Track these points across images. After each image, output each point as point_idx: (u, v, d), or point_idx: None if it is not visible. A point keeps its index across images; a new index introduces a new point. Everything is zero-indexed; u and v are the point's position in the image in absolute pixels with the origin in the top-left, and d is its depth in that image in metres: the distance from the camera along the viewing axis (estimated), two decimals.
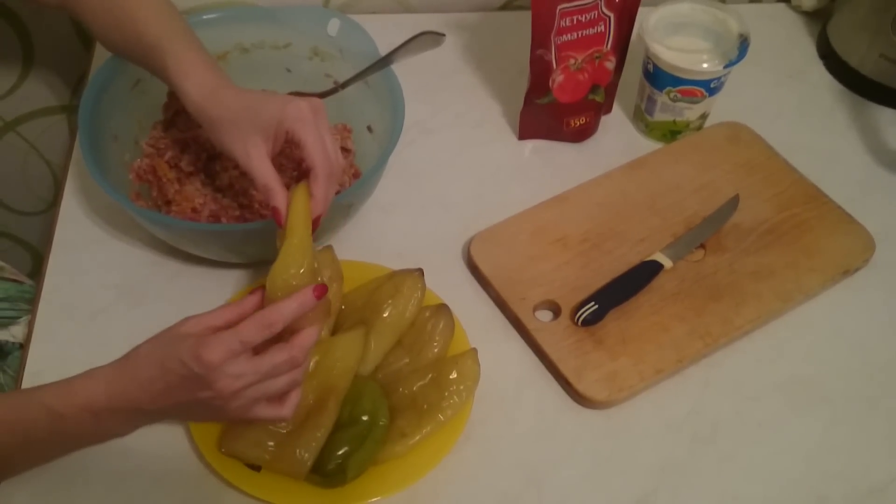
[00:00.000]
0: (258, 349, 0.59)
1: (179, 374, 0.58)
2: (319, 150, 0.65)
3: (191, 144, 0.81)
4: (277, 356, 0.59)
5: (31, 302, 0.81)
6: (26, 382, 0.73)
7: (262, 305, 0.62)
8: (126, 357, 0.61)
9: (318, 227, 0.66)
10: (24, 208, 1.21)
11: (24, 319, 0.86)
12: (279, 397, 0.61)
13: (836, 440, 0.73)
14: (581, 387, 0.73)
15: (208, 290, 0.78)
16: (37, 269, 0.83)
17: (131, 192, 0.80)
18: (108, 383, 0.61)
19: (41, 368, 0.74)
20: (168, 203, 0.78)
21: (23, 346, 0.78)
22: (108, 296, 0.79)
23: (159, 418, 0.63)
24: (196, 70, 0.70)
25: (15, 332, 0.86)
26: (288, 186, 0.66)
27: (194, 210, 0.77)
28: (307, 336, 0.60)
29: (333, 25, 0.85)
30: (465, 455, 0.70)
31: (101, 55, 0.96)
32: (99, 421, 0.61)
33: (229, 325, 0.59)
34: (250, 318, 0.59)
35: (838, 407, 0.75)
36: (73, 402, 0.60)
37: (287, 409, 0.61)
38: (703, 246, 0.83)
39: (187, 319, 0.60)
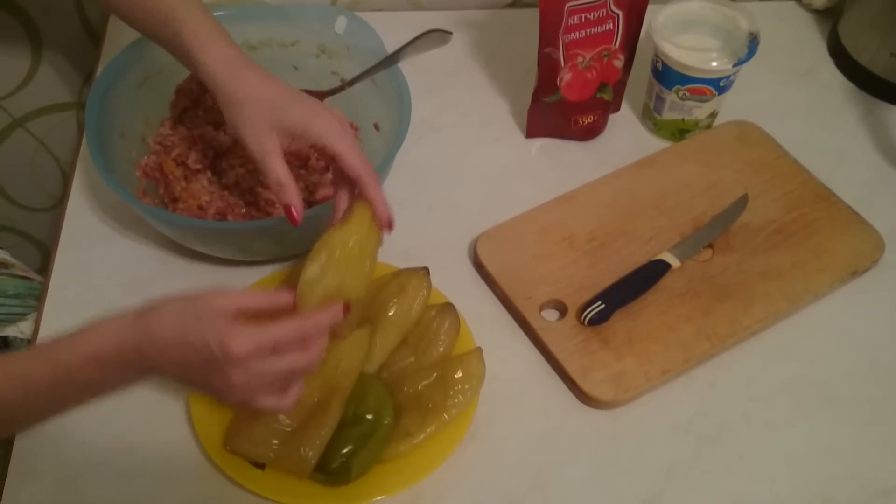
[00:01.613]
0: None
1: (200, 355, 0.56)
2: (359, 160, 0.66)
3: (198, 142, 0.81)
4: (298, 359, 0.59)
5: (40, 299, 0.81)
6: None
7: (293, 304, 0.62)
8: (143, 313, 0.58)
9: (393, 229, 0.68)
10: (33, 204, 1.21)
11: (33, 316, 0.86)
12: (282, 389, 0.61)
13: (843, 442, 0.73)
14: (587, 387, 0.73)
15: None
16: (45, 265, 0.84)
17: (138, 190, 0.80)
18: (120, 336, 0.58)
19: None
20: (174, 200, 0.78)
21: (30, 343, 0.79)
22: (114, 293, 0.79)
23: (160, 378, 0.62)
24: (217, 44, 0.68)
25: (23, 329, 0.87)
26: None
27: (200, 208, 0.77)
28: (324, 342, 0.60)
29: (341, 23, 0.85)
30: (469, 455, 0.70)
31: (109, 52, 0.96)
32: (104, 372, 0.59)
33: (259, 313, 0.58)
34: (289, 323, 0.58)
35: (846, 408, 0.75)
36: (79, 352, 0.58)
37: (289, 400, 0.61)
38: (711, 246, 0.82)
39: (218, 292, 0.58)
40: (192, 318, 0.57)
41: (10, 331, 0.86)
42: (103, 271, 0.80)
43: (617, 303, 0.76)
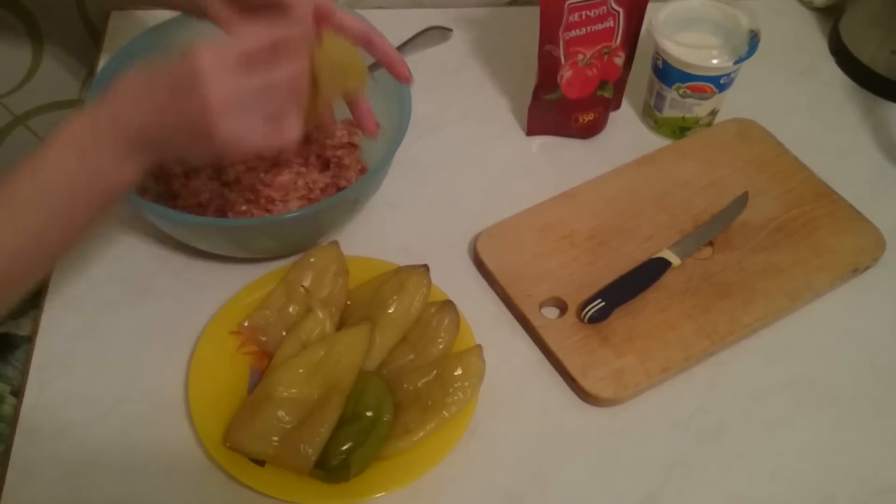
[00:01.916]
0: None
1: (168, 86, 0.54)
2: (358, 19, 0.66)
3: None
4: (278, 72, 0.55)
5: (39, 296, 0.81)
6: (32, 377, 0.73)
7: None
8: (111, 86, 0.57)
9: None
10: None
11: (32, 312, 0.86)
12: (278, 119, 0.57)
13: (843, 440, 0.73)
14: (587, 384, 0.73)
15: (214, 285, 0.78)
16: None
17: (137, 186, 0.80)
18: (91, 116, 0.56)
19: (47, 362, 0.74)
20: (174, 197, 0.78)
21: (29, 340, 0.79)
22: (114, 290, 0.79)
23: (150, 151, 0.58)
24: None
25: (22, 325, 0.87)
26: None
27: (200, 205, 0.77)
28: (302, 56, 0.57)
29: None
30: (469, 452, 0.70)
31: (110, 49, 0.97)
32: (85, 160, 0.56)
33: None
34: (257, 32, 0.56)
35: (846, 407, 0.75)
36: (53, 146, 0.56)
37: (288, 132, 0.57)
38: (711, 243, 0.82)
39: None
40: (154, 65, 0.56)
41: (9, 327, 0.86)
42: (103, 268, 0.80)
43: (617, 300, 0.76)
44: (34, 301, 0.85)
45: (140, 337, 0.76)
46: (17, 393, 0.76)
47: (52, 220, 0.57)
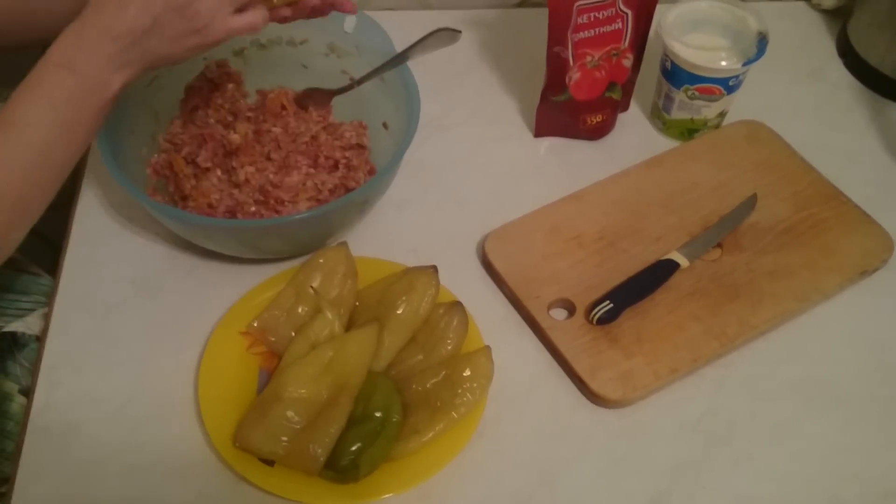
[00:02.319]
0: None
1: None
2: None
3: (208, 140, 0.81)
4: None
5: (48, 296, 0.81)
6: (42, 376, 0.74)
7: None
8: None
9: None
10: None
11: (41, 311, 0.87)
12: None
13: (851, 441, 0.73)
14: (595, 385, 0.73)
15: (224, 285, 0.78)
16: (54, 264, 0.84)
17: (148, 188, 0.81)
18: (76, 32, 0.61)
19: (57, 362, 0.75)
20: (185, 198, 0.79)
21: (39, 339, 0.79)
22: (124, 290, 0.79)
23: (138, 55, 0.63)
24: None
25: (31, 324, 0.87)
26: None
27: (210, 206, 0.77)
28: None
29: (350, 22, 0.85)
30: (478, 453, 0.70)
31: None
32: (76, 73, 0.61)
33: None
34: None
35: (854, 408, 0.75)
36: (46, 65, 0.61)
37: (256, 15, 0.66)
38: (720, 245, 0.82)
39: None
40: None
41: (17, 326, 0.86)
42: (113, 268, 0.80)
43: (625, 302, 0.76)
44: (42, 300, 0.86)
45: (150, 337, 0.76)
46: (26, 392, 0.76)
47: (57, 132, 0.62)
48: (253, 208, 0.78)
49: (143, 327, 0.77)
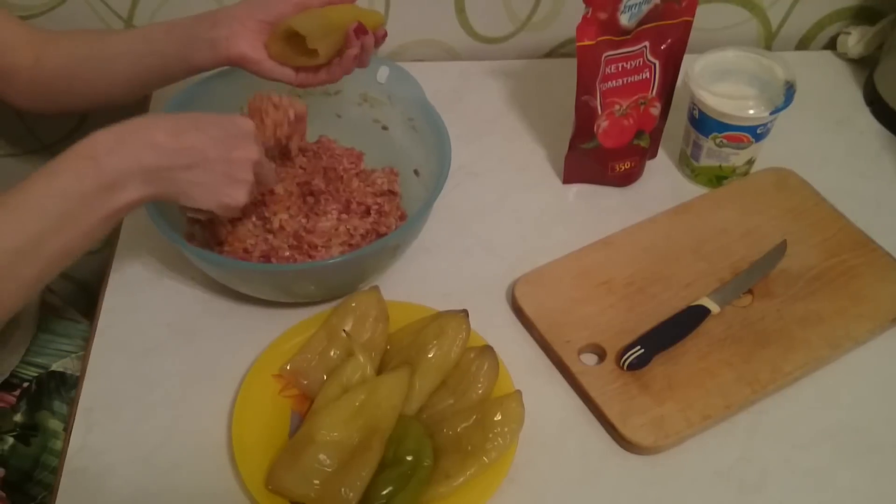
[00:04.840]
0: None
1: (218, 132, 0.65)
2: None
3: None
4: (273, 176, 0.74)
5: (86, 340, 0.83)
6: (79, 418, 0.75)
7: None
8: (146, 117, 0.65)
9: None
10: None
11: (79, 355, 0.88)
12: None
13: (885, 490, 0.72)
14: (626, 431, 0.72)
15: (257, 329, 0.79)
16: (91, 308, 0.86)
17: (185, 233, 0.82)
18: (116, 133, 0.62)
19: (93, 404, 0.76)
20: (220, 244, 0.80)
21: (77, 379, 0.80)
22: (160, 333, 0.80)
23: (159, 181, 0.64)
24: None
25: (69, 366, 0.89)
26: None
27: (246, 250, 0.79)
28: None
29: (383, 73, 0.87)
30: (509, 498, 0.70)
31: (158, 99, 1.00)
32: (99, 168, 0.60)
33: None
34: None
35: (888, 455, 0.74)
36: (72, 154, 0.61)
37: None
38: (750, 291, 0.82)
39: None
40: (203, 115, 0.68)
41: (66, 365, 0.88)
42: (150, 312, 0.82)
43: (656, 347, 0.76)
44: (81, 343, 0.88)
45: (184, 379, 0.77)
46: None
47: (55, 223, 0.60)
48: (287, 253, 0.79)
49: (178, 370, 0.78)
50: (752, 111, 0.86)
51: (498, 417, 0.70)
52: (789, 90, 0.86)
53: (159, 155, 0.62)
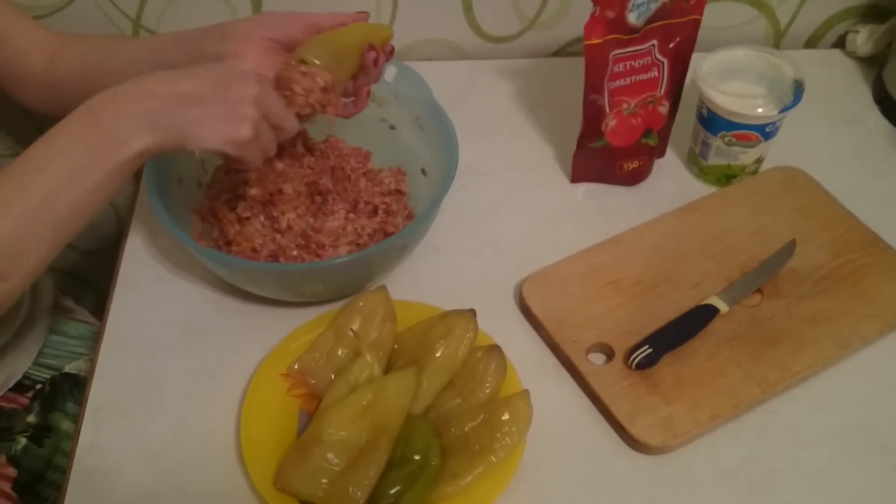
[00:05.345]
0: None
1: (214, 73, 0.65)
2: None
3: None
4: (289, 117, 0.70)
5: (97, 339, 0.83)
6: (87, 418, 0.75)
7: None
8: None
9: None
10: (88, 247, 1.25)
11: (90, 356, 0.89)
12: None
13: (894, 489, 0.71)
14: (635, 431, 0.72)
15: (265, 329, 0.79)
16: (100, 307, 0.86)
17: (194, 233, 0.82)
18: (113, 90, 0.62)
19: (102, 403, 0.76)
20: (228, 243, 0.80)
21: (86, 379, 0.81)
22: (169, 333, 0.81)
23: (167, 123, 0.63)
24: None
25: (81, 367, 0.89)
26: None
27: (254, 250, 0.79)
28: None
29: (390, 72, 0.87)
30: (516, 497, 0.70)
31: None
32: (99, 122, 0.61)
33: None
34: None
35: None
36: (71, 115, 0.61)
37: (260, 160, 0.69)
38: (759, 290, 0.82)
39: None
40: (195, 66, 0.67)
41: (73, 367, 0.88)
42: (159, 311, 0.82)
43: (665, 347, 0.76)
44: (93, 345, 0.88)
45: (193, 379, 0.78)
46: None
47: (63, 180, 0.61)
48: (295, 252, 0.79)
49: (186, 369, 0.78)
50: (760, 110, 0.85)
51: (506, 417, 0.70)
52: (798, 89, 0.86)
53: (156, 101, 0.63)
